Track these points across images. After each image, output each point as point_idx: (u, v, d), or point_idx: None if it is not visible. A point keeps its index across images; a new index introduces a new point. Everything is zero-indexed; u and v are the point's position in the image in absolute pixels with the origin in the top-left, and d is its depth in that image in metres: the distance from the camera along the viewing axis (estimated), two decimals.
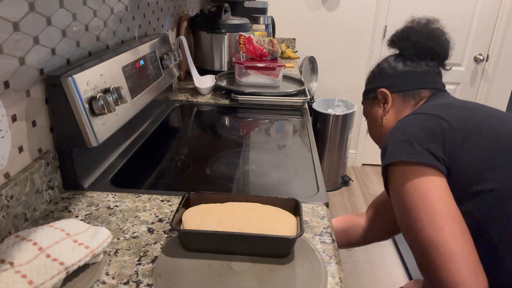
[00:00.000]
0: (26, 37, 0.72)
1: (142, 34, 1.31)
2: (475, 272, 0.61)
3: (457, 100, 0.83)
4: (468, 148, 0.69)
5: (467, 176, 0.68)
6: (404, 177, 0.70)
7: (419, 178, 0.68)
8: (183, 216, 0.68)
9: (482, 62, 2.85)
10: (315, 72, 2.90)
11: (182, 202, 0.70)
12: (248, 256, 0.65)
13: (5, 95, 0.67)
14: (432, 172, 0.68)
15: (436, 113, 0.74)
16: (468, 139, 0.69)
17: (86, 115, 0.78)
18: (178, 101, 1.51)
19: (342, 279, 0.62)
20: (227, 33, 1.76)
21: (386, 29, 2.80)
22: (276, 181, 0.93)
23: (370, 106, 0.99)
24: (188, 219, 0.67)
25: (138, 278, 0.60)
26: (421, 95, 0.89)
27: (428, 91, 0.88)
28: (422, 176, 0.68)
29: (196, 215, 0.68)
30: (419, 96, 0.89)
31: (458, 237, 0.63)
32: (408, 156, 0.70)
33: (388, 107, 0.92)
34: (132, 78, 1.02)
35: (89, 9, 0.94)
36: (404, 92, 0.90)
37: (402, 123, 0.77)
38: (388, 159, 0.73)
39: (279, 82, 1.59)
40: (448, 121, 0.72)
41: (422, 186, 0.68)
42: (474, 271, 0.61)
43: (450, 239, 0.63)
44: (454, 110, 0.75)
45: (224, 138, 1.19)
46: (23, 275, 0.53)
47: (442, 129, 0.71)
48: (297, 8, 2.80)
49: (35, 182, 0.74)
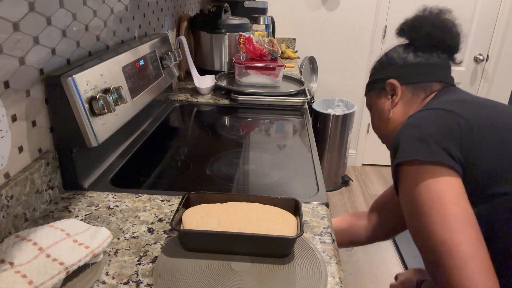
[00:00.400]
0: (26, 37, 0.72)
1: (142, 34, 1.31)
2: (488, 277, 0.59)
3: (472, 96, 0.79)
4: (486, 148, 0.66)
5: (484, 177, 0.65)
6: (418, 176, 0.67)
7: (434, 179, 0.65)
8: (183, 216, 0.68)
9: (482, 62, 2.85)
10: (315, 72, 2.90)
11: (182, 202, 0.70)
12: (248, 256, 0.65)
13: (5, 95, 0.67)
14: (447, 172, 0.65)
15: (453, 110, 0.70)
16: (486, 139, 0.66)
17: (86, 115, 0.78)
18: (178, 101, 1.51)
19: (342, 279, 0.62)
20: (227, 33, 1.76)
21: (386, 29, 2.80)
22: (276, 181, 0.93)
23: (376, 98, 0.92)
24: (188, 219, 0.67)
25: (138, 278, 0.60)
26: (432, 89, 0.84)
27: (439, 85, 0.84)
28: (437, 177, 0.65)
29: (196, 215, 0.67)
30: (429, 89, 0.84)
31: (473, 241, 0.61)
32: (423, 155, 0.66)
33: (397, 99, 0.86)
34: (132, 78, 1.02)
35: (89, 9, 0.94)
36: (414, 84, 0.84)
37: (416, 119, 0.72)
38: (401, 158, 0.70)
39: (279, 82, 1.59)
40: (466, 118, 0.68)
41: (436, 186, 0.65)
42: (488, 276, 0.59)
43: (464, 243, 0.61)
44: (471, 107, 0.72)
45: (224, 138, 1.19)
46: (23, 275, 0.53)
47: (459, 127, 0.68)
48: (297, 8, 2.80)
49: (35, 182, 0.74)
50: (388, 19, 2.78)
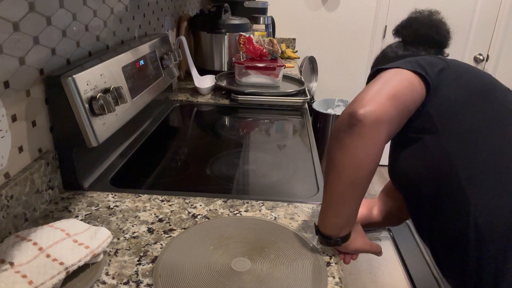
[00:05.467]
0: (26, 37, 0.72)
1: (142, 34, 1.31)
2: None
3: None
4: (457, 84, 0.71)
5: (449, 104, 0.69)
6: (392, 70, 0.71)
7: (404, 72, 0.70)
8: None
9: (482, 62, 2.85)
10: (315, 72, 2.90)
11: None
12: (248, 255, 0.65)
13: (5, 95, 0.67)
14: (418, 79, 0.69)
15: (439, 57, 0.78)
16: (460, 78, 0.72)
17: (86, 115, 0.78)
18: (178, 101, 1.51)
19: (342, 279, 0.62)
20: (227, 33, 1.76)
21: (386, 29, 2.80)
22: (276, 181, 0.93)
23: None
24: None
25: (138, 278, 0.60)
26: None
27: None
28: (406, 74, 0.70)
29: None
30: None
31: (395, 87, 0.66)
32: (402, 65, 0.71)
33: None
34: (132, 78, 1.02)
35: (89, 9, 0.94)
36: None
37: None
38: (381, 67, 0.74)
39: (279, 82, 1.59)
40: (448, 62, 0.75)
41: (401, 74, 0.69)
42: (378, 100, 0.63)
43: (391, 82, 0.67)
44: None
45: (224, 138, 1.19)
46: (23, 275, 0.53)
47: (441, 62, 0.74)
48: (297, 8, 2.80)
49: (35, 182, 0.74)
50: (388, 19, 2.78)
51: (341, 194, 0.65)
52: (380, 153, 0.64)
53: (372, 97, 0.63)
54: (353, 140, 0.62)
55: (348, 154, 0.63)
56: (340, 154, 0.63)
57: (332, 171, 0.65)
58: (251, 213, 0.78)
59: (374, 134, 0.62)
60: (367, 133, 0.61)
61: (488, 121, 0.68)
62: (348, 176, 0.63)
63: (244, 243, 0.69)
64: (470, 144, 0.66)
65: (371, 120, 0.61)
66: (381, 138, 0.63)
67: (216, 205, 0.81)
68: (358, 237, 0.73)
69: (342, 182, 0.64)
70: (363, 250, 0.73)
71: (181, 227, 0.73)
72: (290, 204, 0.82)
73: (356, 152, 0.62)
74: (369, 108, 0.62)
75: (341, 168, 0.64)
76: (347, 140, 0.62)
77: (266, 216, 0.78)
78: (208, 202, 0.82)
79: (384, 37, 2.82)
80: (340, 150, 0.63)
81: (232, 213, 0.78)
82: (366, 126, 0.61)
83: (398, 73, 0.69)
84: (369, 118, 0.61)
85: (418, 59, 0.75)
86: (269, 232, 0.72)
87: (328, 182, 0.66)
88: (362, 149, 0.62)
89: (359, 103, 0.63)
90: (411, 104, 0.68)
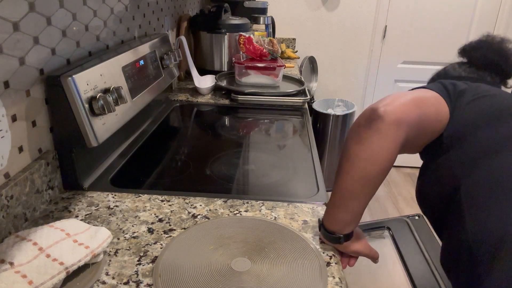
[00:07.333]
0: (26, 37, 0.72)
1: (142, 34, 1.31)
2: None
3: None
4: (473, 106, 0.71)
5: (459, 126, 0.69)
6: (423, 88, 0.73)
7: (434, 92, 0.71)
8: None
9: None
10: (315, 72, 2.90)
11: None
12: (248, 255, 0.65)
13: (5, 95, 0.67)
14: (444, 102, 0.70)
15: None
16: (476, 101, 0.71)
17: (86, 115, 0.78)
18: (178, 101, 1.51)
19: (342, 279, 0.62)
20: (227, 33, 1.76)
21: (386, 29, 2.80)
22: (276, 181, 0.93)
23: None
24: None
25: (138, 278, 0.60)
26: None
27: None
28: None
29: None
30: None
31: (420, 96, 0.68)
32: (434, 87, 0.73)
33: None
34: (132, 78, 1.02)
35: (89, 9, 0.94)
36: None
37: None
38: (417, 87, 0.75)
39: (279, 82, 1.59)
40: (469, 85, 0.75)
41: (431, 92, 0.71)
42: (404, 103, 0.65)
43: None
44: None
45: (224, 138, 1.19)
46: (23, 275, 0.53)
47: (462, 85, 0.75)
48: (297, 8, 2.80)
49: (35, 182, 0.74)
50: (388, 19, 2.78)
51: (352, 188, 0.66)
52: (395, 153, 0.64)
53: (397, 98, 0.65)
54: (370, 135, 0.63)
55: (364, 147, 0.63)
56: (356, 147, 0.64)
57: (346, 163, 0.66)
58: (251, 213, 0.78)
59: (392, 132, 0.63)
60: (385, 130, 0.62)
61: (498, 142, 0.67)
62: (361, 169, 0.64)
63: (244, 243, 0.69)
64: (475, 166, 0.66)
65: (392, 118, 0.62)
66: (398, 138, 0.63)
67: (216, 205, 0.81)
68: (359, 239, 0.73)
69: (354, 175, 0.65)
70: (362, 253, 0.73)
71: (181, 227, 0.73)
72: (290, 204, 0.82)
73: (372, 147, 0.63)
74: (391, 107, 0.63)
75: (356, 160, 0.64)
76: (365, 134, 0.64)
77: (266, 216, 0.78)
78: (208, 202, 0.82)
79: (384, 37, 2.82)
80: (357, 143, 0.64)
81: (232, 213, 0.78)
82: (386, 123, 0.62)
83: (428, 91, 0.71)
84: (390, 115, 0.62)
85: (446, 83, 0.75)
86: (269, 232, 0.72)
87: (340, 175, 0.67)
88: (378, 144, 0.63)
89: (383, 102, 0.64)
90: (433, 117, 0.69)
